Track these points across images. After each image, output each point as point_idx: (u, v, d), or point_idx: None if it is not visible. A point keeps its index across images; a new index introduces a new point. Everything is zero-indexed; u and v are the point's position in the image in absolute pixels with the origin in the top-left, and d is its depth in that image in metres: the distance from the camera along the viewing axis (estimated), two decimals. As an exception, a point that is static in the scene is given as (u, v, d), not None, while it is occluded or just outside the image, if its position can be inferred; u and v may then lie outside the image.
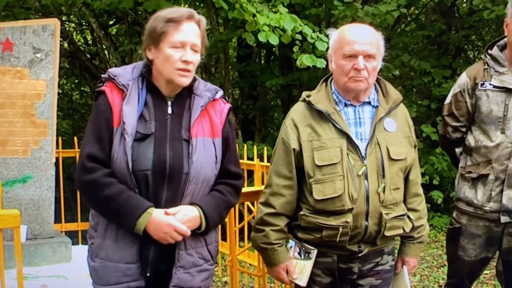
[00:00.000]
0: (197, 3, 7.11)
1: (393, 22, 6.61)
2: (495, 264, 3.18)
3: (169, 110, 1.99)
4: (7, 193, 4.08)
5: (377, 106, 2.27)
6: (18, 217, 2.41)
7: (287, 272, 2.30)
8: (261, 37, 4.69)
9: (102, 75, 2.02)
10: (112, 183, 1.90)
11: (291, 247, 2.31)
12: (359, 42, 2.17)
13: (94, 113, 2.00)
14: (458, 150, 2.95)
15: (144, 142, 1.93)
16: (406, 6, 6.67)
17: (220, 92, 2.10)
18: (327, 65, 5.60)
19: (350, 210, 2.17)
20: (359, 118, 2.25)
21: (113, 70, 2.01)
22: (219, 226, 4.55)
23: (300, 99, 2.33)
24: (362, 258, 2.28)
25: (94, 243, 2.02)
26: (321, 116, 2.23)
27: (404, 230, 2.31)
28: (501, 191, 2.72)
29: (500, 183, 2.73)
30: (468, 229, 2.84)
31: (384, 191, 2.19)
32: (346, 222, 2.17)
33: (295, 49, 4.99)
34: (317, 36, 4.90)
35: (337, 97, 2.27)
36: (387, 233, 2.24)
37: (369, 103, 2.28)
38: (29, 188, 4.13)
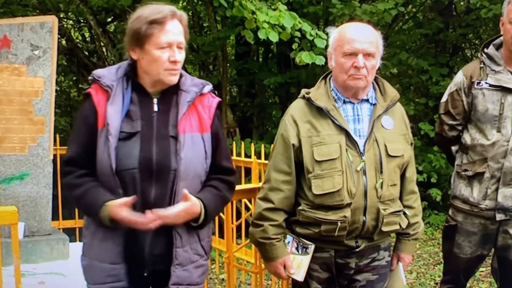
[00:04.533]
0: (195, 1, 7.11)
1: (391, 20, 6.61)
2: (490, 261, 3.20)
3: (155, 108, 2.00)
4: (4, 190, 4.08)
5: (375, 104, 2.31)
6: (16, 214, 2.41)
7: (284, 267, 2.32)
8: (261, 35, 4.69)
9: (89, 77, 2.04)
10: (82, 183, 1.95)
11: (288, 242, 2.32)
12: (359, 40, 2.20)
13: (78, 117, 2.06)
14: (454, 148, 2.97)
15: (130, 141, 1.94)
16: (404, 4, 6.68)
17: (208, 87, 2.09)
18: (325, 63, 5.67)
19: (349, 205, 2.20)
20: (358, 115, 2.29)
21: (97, 72, 2.02)
22: (216, 223, 4.54)
23: (299, 96, 2.35)
24: (359, 253, 2.30)
25: (85, 242, 2.05)
26: (320, 112, 2.26)
27: (400, 226, 2.34)
28: (497, 189, 2.74)
29: (495, 181, 2.74)
30: (463, 226, 2.85)
31: (381, 187, 2.23)
32: (345, 216, 2.21)
33: (294, 46, 4.98)
34: (316, 33, 4.90)
35: (336, 94, 2.30)
36: (384, 229, 2.27)
37: (367, 100, 2.31)
38: (26, 185, 4.14)
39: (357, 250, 2.29)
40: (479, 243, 2.84)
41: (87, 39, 9.90)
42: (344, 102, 2.29)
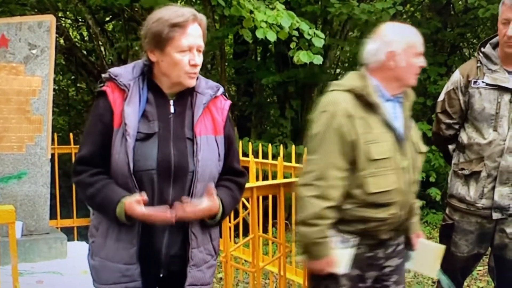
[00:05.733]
0: (194, 0, 7.11)
1: (389, 19, 6.61)
2: (487, 260, 3.20)
3: (172, 109, 1.99)
4: (2, 189, 4.08)
5: (401, 102, 2.38)
6: (13, 213, 2.42)
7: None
8: (259, 34, 4.68)
9: (103, 75, 2.00)
10: (96, 181, 1.93)
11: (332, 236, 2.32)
12: (421, 42, 2.33)
13: (92, 114, 2.01)
14: (451, 147, 2.98)
15: (148, 142, 1.93)
16: (402, 3, 6.69)
17: (221, 89, 2.09)
18: (323, 62, 5.68)
19: (397, 202, 2.28)
20: (395, 113, 2.34)
21: (114, 70, 1.99)
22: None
23: (340, 88, 2.31)
24: (387, 243, 2.37)
25: (95, 241, 2.02)
26: (370, 109, 2.26)
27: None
28: (493, 188, 2.75)
29: (492, 180, 2.75)
30: (460, 225, 2.86)
31: (415, 183, 2.37)
32: (393, 214, 2.28)
33: (292, 45, 4.98)
34: (314, 33, 4.90)
35: (380, 91, 2.31)
36: (412, 220, 2.42)
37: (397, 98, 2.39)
38: (24, 184, 4.14)
39: (388, 242, 2.35)
40: (476, 241, 2.85)
41: (85, 38, 9.90)
42: (386, 100, 2.32)
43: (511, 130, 2.72)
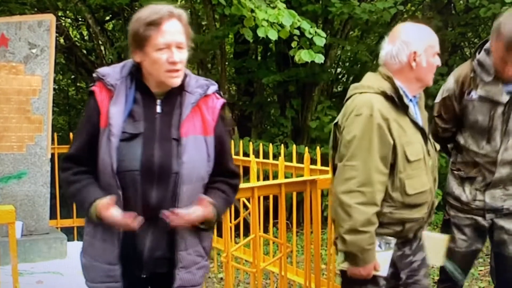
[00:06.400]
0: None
1: (390, 19, 6.61)
2: (489, 260, 3.20)
3: (158, 109, 1.97)
4: (2, 189, 4.08)
5: (417, 103, 2.40)
6: (13, 213, 2.41)
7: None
8: (260, 33, 4.67)
9: (93, 75, 2.02)
10: (78, 180, 1.95)
11: None
12: (438, 41, 2.33)
13: (83, 114, 2.05)
14: (450, 146, 2.99)
15: (132, 142, 1.92)
16: (403, 3, 6.67)
17: (213, 87, 2.04)
18: (324, 61, 5.68)
19: (428, 201, 2.32)
20: (416, 114, 2.36)
21: (102, 70, 1.99)
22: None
23: (371, 91, 2.27)
24: (412, 240, 2.39)
25: (86, 239, 2.05)
26: (400, 110, 2.27)
27: None
28: (485, 191, 2.78)
29: (485, 184, 2.79)
30: (456, 221, 2.89)
31: (436, 181, 2.40)
32: (425, 213, 2.32)
33: (293, 44, 4.97)
34: (315, 32, 4.89)
35: (404, 93, 2.30)
36: (432, 218, 2.45)
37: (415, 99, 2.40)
38: (24, 184, 4.13)
39: (414, 238, 2.38)
40: (472, 237, 2.87)
41: (85, 38, 9.89)
42: (409, 101, 2.33)
43: (504, 143, 2.72)
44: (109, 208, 1.86)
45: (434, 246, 2.54)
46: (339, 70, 8.42)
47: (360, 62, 7.73)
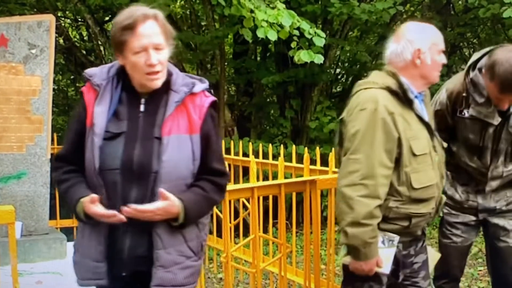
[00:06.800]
0: (193, 0, 7.10)
1: (389, 19, 6.61)
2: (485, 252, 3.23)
3: (142, 108, 1.98)
4: (1, 189, 4.08)
5: (423, 100, 2.40)
6: (13, 213, 2.41)
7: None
8: (260, 33, 4.67)
9: (83, 75, 2.05)
10: (68, 179, 2.00)
11: None
12: (443, 39, 2.36)
13: (73, 114, 2.11)
14: (445, 145, 3.01)
15: (115, 141, 1.94)
16: (402, 3, 6.68)
17: (200, 85, 2.01)
18: (324, 61, 5.68)
19: (435, 196, 2.33)
20: (422, 110, 2.37)
21: (90, 70, 2.03)
22: (214, 222, 4.53)
23: (376, 86, 2.28)
24: (417, 239, 2.40)
25: (77, 238, 2.09)
26: (405, 105, 2.28)
27: None
28: (477, 194, 2.84)
29: (477, 190, 2.84)
30: (449, 218, 2.93)
31: (443, 177, 2.42)
32: (432, 208, 2.33)
33: (293, 44, 4.97)
34: (315, 32, 4.89)
35: (410, 89, 2.32)
36: (440, 213, 2.47)
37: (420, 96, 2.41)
38: (24, 184, 4.13)
39: (419, 237, 2.39)
40: (466, 231, 2.91)
41: (85, 38, 9.88)
42: (414, 97, 2.33)
43: (494, 162, 2.75)
44: (93, 204, 1.90)
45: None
46: (338, 70, 8.43)
47: (359, 62, 7.73)
